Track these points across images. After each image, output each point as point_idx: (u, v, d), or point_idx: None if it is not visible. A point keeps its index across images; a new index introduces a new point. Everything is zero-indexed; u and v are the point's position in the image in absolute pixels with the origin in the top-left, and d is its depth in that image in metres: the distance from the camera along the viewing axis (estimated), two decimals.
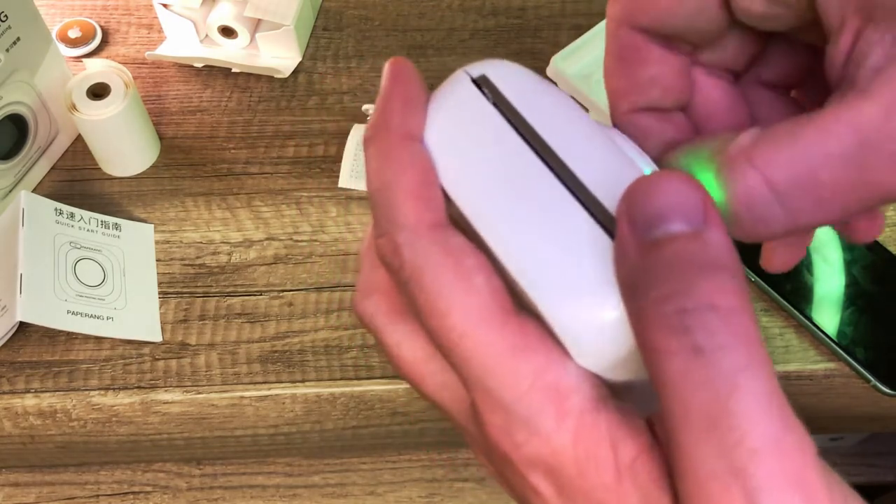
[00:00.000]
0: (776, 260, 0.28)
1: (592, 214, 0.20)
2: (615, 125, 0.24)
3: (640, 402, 0.21)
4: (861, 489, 0.19)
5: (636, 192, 0.19)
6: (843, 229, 0.27)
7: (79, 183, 0.53)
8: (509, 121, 0.22)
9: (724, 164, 0.20)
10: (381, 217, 0.21)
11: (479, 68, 0.23)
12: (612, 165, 0.21)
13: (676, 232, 0.18)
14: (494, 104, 0.22)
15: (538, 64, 0.57)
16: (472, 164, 0.22)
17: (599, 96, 0.52)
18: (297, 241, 0.51)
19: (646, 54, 0.24)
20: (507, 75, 0.23)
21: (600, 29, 0.55)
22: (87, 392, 0.46)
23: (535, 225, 0.20)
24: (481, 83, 0.22)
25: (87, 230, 0.49)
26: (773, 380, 0.18)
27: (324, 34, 0.60)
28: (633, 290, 0.19)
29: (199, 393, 0.46)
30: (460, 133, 0.22)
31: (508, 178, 0.21)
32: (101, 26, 0.60)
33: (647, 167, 0.22)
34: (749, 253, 0.28)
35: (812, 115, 0.19)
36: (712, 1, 0.22)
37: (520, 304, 0.21)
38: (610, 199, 0.20)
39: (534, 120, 0.21)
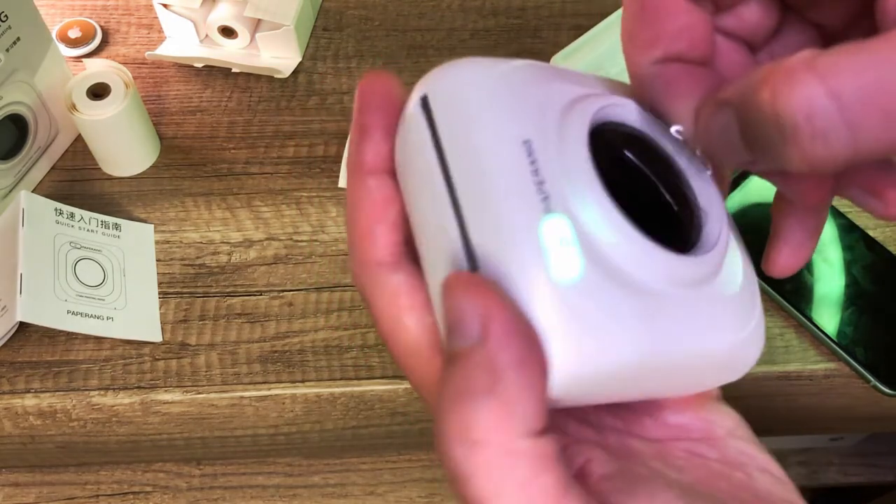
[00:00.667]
0: (780, 261, 0.26)
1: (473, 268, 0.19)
2: (640, 80, 0.23)
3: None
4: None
5: (441, 300, 0.19)
6: (875, 199, 0.24)
7: (79, 183, 0.53)
8: (439, 156, 0.20)
9: (781, 76, 0.18)
10: (348, 249, 0.23)
11: (427, 83, 0.21)
12: (506, 230, 0.19)
13: (457, 348, 0.18)
14: (430, 134, 0.20)
15: None
16: (413, 196, 0.21)
17: None
18: (297, 241, 0.51)
19: (671, 5, 0.23)
20: (447, 93, 0.21)
21: (600, 29, 0.55)
22: (87, 392, 0.46)
23: (437, 276, 0.20)
24: (423, 105, 0.21)
25: (87, 230, 0.49)
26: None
27: (324, 34, 0.60)
28: None
29: (199, 393, 0.46)
30: (407, 162, 0.21)
31: (430, 221, 0.20)
32: (101, 26, 0.60)
33: (551, 209, 0.19)
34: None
35: (878, 35, 0.17)
36: None
37: None
38: (484, 258, 0.19)
39: (453, 159, 0.20)
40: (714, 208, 0.22)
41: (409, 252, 0.22)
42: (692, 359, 0.21)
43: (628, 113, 0.22)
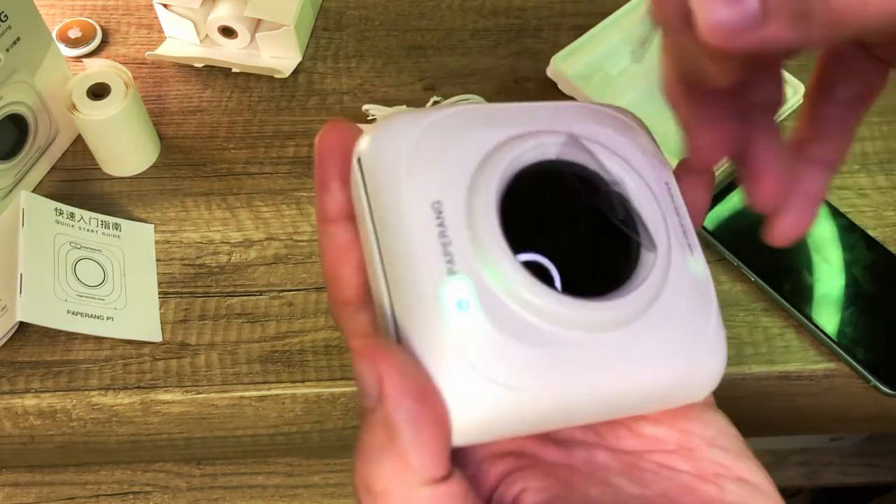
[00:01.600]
0: (782, 225, 0.25)
1: (395, 325, 0.21)
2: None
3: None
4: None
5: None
6: (751, 183, 0.24)
7: (79, 183, 0.53)
8: (370, 211, 0.22)
9: None
10: None
11: (361, 144, 0.22)
12: (413, 292, 0.20)
13: (364, 405, 0.20)
14: (364, 193, 0.22)
15: (538, 64, 0.57)
16: (362, 243, 0.22)
17: (600, 96, 0.52)
18: (297, 241, 0.51)
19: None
20: (372, 157, 0.22)
21: (600, 29, 0.55)
22: (87, 392, 0.46)
23: (380, 318, 0.22)
24: (359, 163, 0.22)
25: (87, 230, 0.49)
26: None
27: (324, 34, 0.60)
28: None
29: (199, 393, 0.46)
30: (356, 212, 0.22)
31: (370, 268, 0.22)
32: (101, 26, 0.60)
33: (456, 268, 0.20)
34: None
35: None
36: None
37: None
38: (399, 317, 0.21)
39: (376, 218, 0.21)
40: (653, 237, 0.22)
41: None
42: (618, 393, 0.22)
43: (564, 149, 0.22)
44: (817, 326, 0.46)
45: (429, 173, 0.21)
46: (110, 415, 0.46)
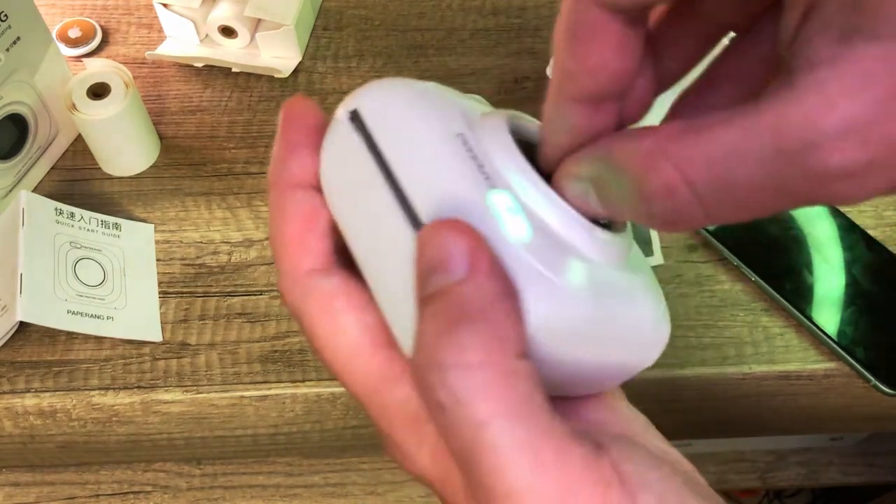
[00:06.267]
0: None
1: None
2: (550, 109, 0.23)
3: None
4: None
5: (417, 246, 0.19)
6: None
7: (79, 183, 0.53)
8: (375, 157, 0.22)
9: (640, 160, 0.19)
10: (275, 263, 0.24)
11: (354, 100, 0.23)
12: (457, 204, 0.21)
13: (439, 285, 0.19)
14: (363, 140, 0.22)
15: (538, 64, 0.57)
16: (346, 203, 0.23)
17: None
18: None
19: (602, 32, 0.20)
20: (378, 104, 0.22)
21: None
22: (87, 392, 0.46)
23: (383, 268, 0.21)
24: (353, 118, 0.23)
25: (87, 230, 0.49)
26: (521, 425, 0.18)
27: (324, 34, 0.60)
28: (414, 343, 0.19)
29: (199, 393, 0.46)
30: (338, 172, 0.23)
31: (369, 218, 0.22)
32: (101, 26, 0.60)
33: (504, 189, 0.21)
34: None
35: (738, 110, 0.17)
36: None
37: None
38: None
39: (392, 155, 0.22)
40: None
41: (339, 261, 0.23)
42: (627, 332, 0.22)
43: (530, 126, 0.24)
44: (817, 326, 0.46)
45: (445, 114, 0.22)
46: (110, 415, 0.46)
